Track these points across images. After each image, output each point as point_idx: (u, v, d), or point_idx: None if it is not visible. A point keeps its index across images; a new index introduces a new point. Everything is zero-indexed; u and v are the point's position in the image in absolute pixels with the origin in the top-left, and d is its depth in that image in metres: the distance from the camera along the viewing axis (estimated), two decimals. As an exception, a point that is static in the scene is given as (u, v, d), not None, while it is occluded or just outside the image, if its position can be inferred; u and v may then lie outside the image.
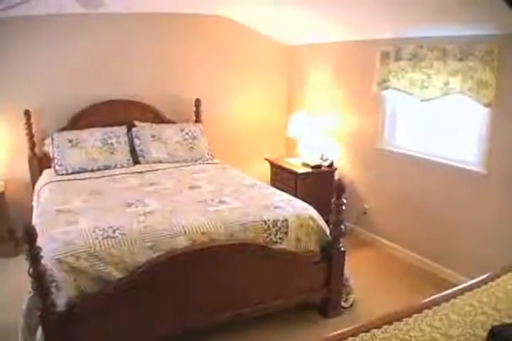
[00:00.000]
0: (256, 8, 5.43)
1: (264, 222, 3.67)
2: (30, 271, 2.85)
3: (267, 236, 3.65)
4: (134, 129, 5.71)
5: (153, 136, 5.61)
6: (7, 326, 3.65)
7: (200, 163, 5.55)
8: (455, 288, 2.58)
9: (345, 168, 5.86)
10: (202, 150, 5.74)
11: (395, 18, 4.33)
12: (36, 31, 5.46)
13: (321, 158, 5.88)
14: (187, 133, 5.76)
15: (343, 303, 4.02)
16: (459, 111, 4.39)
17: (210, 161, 5.66)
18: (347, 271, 3.98)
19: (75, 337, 3.04)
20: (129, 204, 3.96)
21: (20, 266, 4.71)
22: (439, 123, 4.64)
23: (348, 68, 5.61)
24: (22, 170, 5.66)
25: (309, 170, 5.76)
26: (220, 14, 6.16)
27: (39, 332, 3.02)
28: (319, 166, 5.80)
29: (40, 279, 2.87)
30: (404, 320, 2.24)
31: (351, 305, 4.07)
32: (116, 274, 3.17)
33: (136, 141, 5.59)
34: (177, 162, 5.52)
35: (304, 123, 6.00)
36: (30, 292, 3.14)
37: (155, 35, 6.05)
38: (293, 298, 3.79)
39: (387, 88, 4.89)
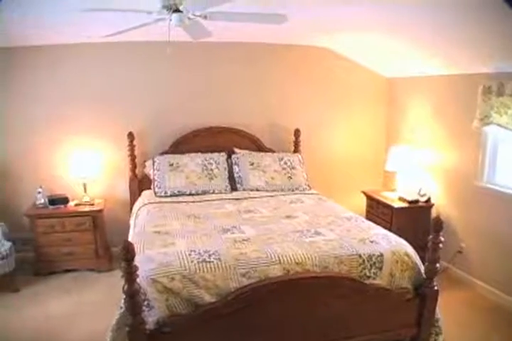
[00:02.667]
0: (356, 39, 5.41)
1: (360, 256, 3.56)
2: (125, 288, 2.87)
3: (361, 271, 3.53)
4: (233, 156, 5.77)
5: (252, 164, 5.64)
6: (95, 338, 3.75)
7: (297, 193, 5.50)
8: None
9: (441, 204, 5.62)
10: (300, 180, 5.69)
11: (497, 52, 4.19)
12: (142, 57, 5.75)
13: (419, 193, 5.70)
14: (286, 163, 5.75)
15: (431, 344, 3.82)
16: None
17: (307, 191, 5.59)
18: (438, 311, 3.78)
19: (160, 356, 3.05)
20: (226, 230, 3.98)
21: (112, 281, 4.91)
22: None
23: (448, 102, 5.42)
24: (121, 189, 5.89)
25: (406, 205, 5.61)
26: (320, 45, 6.16)
27: (125, 348, 3.04)
28: (416, 201, 5.63)
29: (133, 297, 2.88)
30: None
31: (440, 346, 3.86)
32: (208, 298, 3.15)
33: (235, 168, 5.64)
34: (274, 190, 5.50)
35: (403, 157, 5.85)
36: (121, 308, 3.20)
37: (255, 64, 6.15)
38: (382, 334, 3.60)
39: (488, 124, 4.64)
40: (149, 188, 5.53)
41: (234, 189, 5.53)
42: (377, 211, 5.92)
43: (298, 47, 6.16)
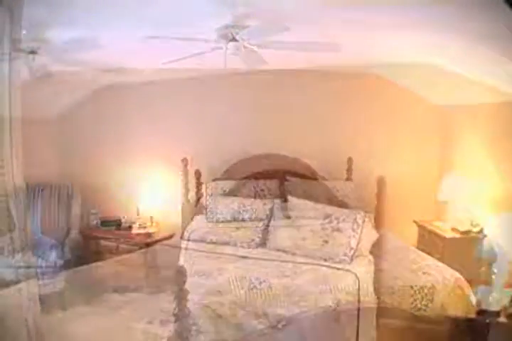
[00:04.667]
0: (409, 68, 5.38)
1: (411, 287, 3.52)
2: (175, 312, 2.89)
3: (413, 302, 3.49)
4: (286, 183, 5.77)
5: (304, 192, 5.62)
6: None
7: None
8: None
9: (494, 235, 5.43)
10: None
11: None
12: (196, 84, 5.86)
13: (471, 224, 5.56)
14: (338, 191, 5.71)
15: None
16: None
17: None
18: (488, 344, 3.69)
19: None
20: (277, 257, 3.96)
21: (161, 304, 4.89)
22: None
23: (504, 130, 5.24)
24: (174, 213, 5.90)
25: (458, 235, 5.45)
26: (372, 72, 6.07)
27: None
28: (468, 232, 5.47)
29: (182, 321, 2.90)
30: None
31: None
32: (256, 325, 3.14)
33: (288, 196, 5.62)
34: (327, 218, 5.44)
35: (456, 187, 5.70)
36: (170, 331, 3.20)
37: (308, 91, 6.14)
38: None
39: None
40: (202, 213, 5.57)
41: (287, 217, 5.46)
42: (429, 241, 5.77)
43: (349, 75, 6.11)
